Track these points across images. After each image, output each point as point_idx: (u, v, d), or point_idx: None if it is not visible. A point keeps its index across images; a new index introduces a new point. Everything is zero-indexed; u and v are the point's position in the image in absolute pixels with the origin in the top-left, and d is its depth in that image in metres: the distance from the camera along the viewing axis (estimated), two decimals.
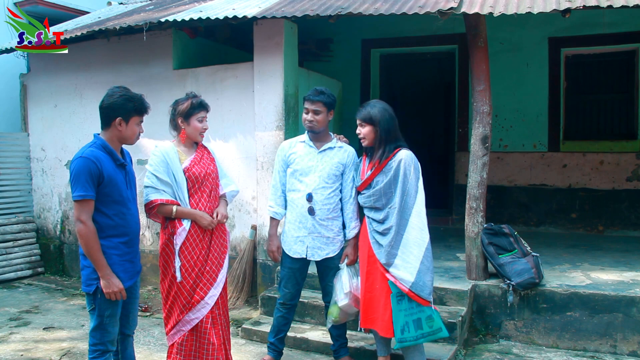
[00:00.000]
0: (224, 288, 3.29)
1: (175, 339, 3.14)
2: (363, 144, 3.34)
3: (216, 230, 3.22)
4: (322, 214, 3.47)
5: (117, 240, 2.75)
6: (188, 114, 3.17)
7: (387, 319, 3.16)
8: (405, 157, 3.20)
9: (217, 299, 3.18)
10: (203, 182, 3.18)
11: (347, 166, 3.52)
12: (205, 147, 3.34)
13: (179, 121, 3.19)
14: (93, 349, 2.77)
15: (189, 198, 3.15)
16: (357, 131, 3.32)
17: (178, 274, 3.08)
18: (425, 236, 3.19)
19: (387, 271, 3.19)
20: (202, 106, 3.22)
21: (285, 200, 3.59)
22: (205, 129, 3.25)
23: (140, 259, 3.00)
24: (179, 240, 3.08)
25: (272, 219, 3.62)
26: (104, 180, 2.67)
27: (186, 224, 3.10)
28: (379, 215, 3.24)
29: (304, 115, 3.49)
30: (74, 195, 2.63)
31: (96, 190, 2.65)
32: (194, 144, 3.28)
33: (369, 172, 3.29)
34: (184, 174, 3.14)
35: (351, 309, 3.41)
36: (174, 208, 3.07)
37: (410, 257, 3.14)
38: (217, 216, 3.18)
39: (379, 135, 3.24)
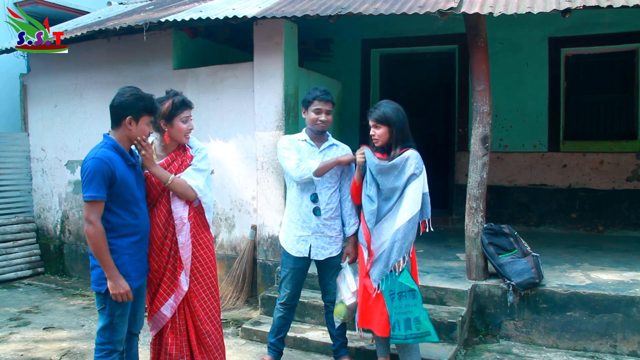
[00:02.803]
0: (211, 293, 3.16)
1: (152, 335, 3.18)
2: (376, 144, 3.31)
3: (175, 240, 3.03)
4: (326, 213, 3.48)
5: (129, 239, 2.75)
6: (170, 115, 2.95)
7: (385, 318, 3.17)
8: (410, 155, 3.21)
9: (183, 307, 3.07)
10: (163, 191, 3.00)
11: (346, 165, 3.53)
12: (186, 148, 3.09)
13: (162, 124, 2.96)
14: (100, 347, 2.76)
15: (156, 204, 3.02)
16: (372, 132, 3.28)
17: None
18: (398, 225, 3.17)
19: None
20: (185, 104, 3.00)
21: (285, 199, 3.58)
22: (191, 129, 3.03)
23: None
24: None
25: (319, 169, 3.35)
26: (116, 181, 2.66)
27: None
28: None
29: (315, 116, 3.44)
30: (85, 196, 2.62)
31: (108, 191, 2.65)
32: (175, 145, 3.09)
33: None
34: (146, 180, 2.98)
35: (356, 306, 3.43)
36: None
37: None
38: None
39: (394, 136, 3.23)
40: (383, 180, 3.22)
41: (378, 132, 3.26)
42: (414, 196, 3.17)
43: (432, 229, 3.32)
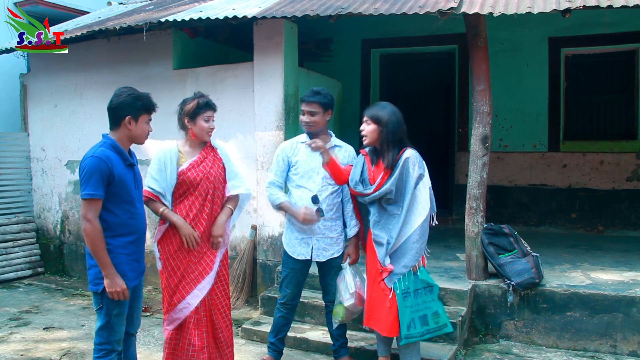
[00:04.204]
0: (223, 288, 3.27)
1: (165, 334, 3.19)
2: (364, 142, 3.32)
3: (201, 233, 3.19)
4: (326, 214, 3.47)
5: (125, 239, 2.77)
6: (194, 113, 3.16)
7: (392, 319, 3.16)
8: (410, 155, 3.20)
9: (205, 300, 3.16)
10: (198, 186, 3.14)
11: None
12: (213, 148, 3.30)
13: (185, 121, 3.19)
14: (99, 347, 2.77)
15: (182, 200, 3.14)
16: (362, 127, 3.31)
17: (158, 264, 3.18)
18: (408, 231, 3.18)
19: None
20: (209, 106, 3.20)
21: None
22: (212, 129, 3.23)
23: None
24: (158, 234, 3.17)
25: (281, 204, 3.47)
26: (114, 180, 2.68)
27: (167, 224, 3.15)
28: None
29: (301, 117, 3.50)
30: (82, 194, 2.64)
31: (105, 189, 2.66)
32: (202, 143, 3.26)
33: (380, 179, 3.26)
34: (178, 177, 3.12)
35: (356, 308, 3.43)
36: (162, 209, 3.10)
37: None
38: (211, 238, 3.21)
39: (383, 137, 3.22)
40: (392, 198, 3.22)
41: (367, 129, 3.27)
42: (425, 196, 3.19)
43: (436, 222, 3.32)
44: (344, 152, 3.56)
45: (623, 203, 6.69)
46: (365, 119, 3.29)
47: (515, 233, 4.41)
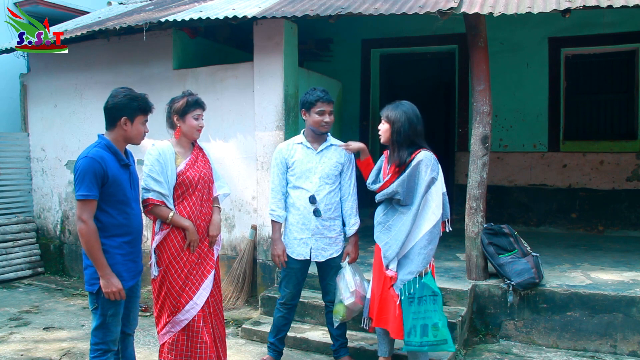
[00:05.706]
0: (218, 286, 3.30)
1: (165, 338, 3.16)
2: (380, 141, 3.34)
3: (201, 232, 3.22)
4: (324, 214, 3.47)
5: (121, 239, 2.76)
6: (184, 111, 3.14)
7: (398, 322, 3.14)
8: (423, 157, 3.18)
9: (207, 298, 3.18)
10: (197, 186, 3.16)
11: (345, 164, 3.54)
12: (200, 148, 3.31)
13: (175, 119, 3.17)
14: (95, 348, 2.77)
15: (181, 201, 3.13)
16: (379, 127, 3.33)
17: (153, 270, 3.13)
18: (417, 235, 3.15)
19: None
20: (198, 104, 3.19)
21: (286, 203, 3.58)
22: (202, 127, 3.22)
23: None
24: (158, 239, 3.12)
25: (274, 222, 3.56)
26: (108, 180, 2.68)
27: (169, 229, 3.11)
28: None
29: (319, 117, 3.43)
30: (77, 195, 2.64)
31: (100, 190, 2.66)
32: (191, 144, 3.26)
33: (388, 177, 3.26)
34: (177, 177, 3.11)
35: (356, 306, 3.42)
36: (170, 215, 3.06)
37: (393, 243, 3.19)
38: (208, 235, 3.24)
39: (391, 136, 3.23)
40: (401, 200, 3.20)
41: (382, 128, 3.29)
42: (437, 201, 3.16)
43: (450, 229, 3.28)
44: (340, 152, 3.55)
45: (623, 203, 6.69)
46: (382, 118, 3.31)
47: (515, 233, 4.41)
